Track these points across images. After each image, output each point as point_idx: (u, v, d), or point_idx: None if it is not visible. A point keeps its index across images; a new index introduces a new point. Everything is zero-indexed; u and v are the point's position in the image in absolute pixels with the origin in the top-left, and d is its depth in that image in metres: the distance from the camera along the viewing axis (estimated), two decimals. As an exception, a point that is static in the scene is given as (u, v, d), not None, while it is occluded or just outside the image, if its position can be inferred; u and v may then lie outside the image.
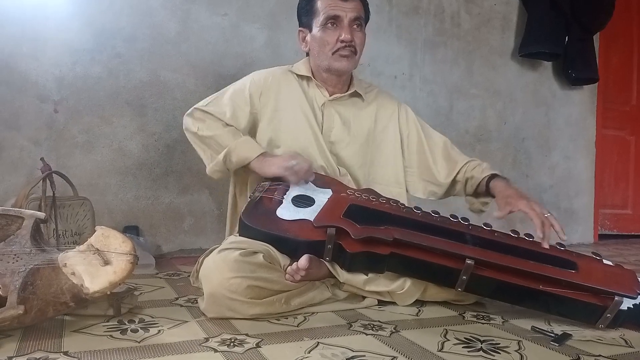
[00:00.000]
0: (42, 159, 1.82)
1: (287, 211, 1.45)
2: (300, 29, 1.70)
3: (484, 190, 1.64)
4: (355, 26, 1.61)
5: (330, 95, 1.69)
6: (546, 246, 1.39)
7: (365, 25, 1.69)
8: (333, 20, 1.59)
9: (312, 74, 1.70)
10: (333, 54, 1.60)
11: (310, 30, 1.65)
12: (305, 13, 1.66)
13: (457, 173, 1.72)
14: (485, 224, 1.47)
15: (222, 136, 1.57)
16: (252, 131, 1.68)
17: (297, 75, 1.71)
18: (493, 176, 1.63)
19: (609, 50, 3.44)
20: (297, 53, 1.79)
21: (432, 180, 1.75)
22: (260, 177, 1.59)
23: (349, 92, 1.71)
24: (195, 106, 1.66)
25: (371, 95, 1.77)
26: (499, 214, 1.46)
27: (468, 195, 1.73)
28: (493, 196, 1.61)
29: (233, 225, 1.71)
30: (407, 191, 1.75)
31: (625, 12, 3.39)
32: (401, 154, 1.73)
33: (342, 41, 1.58)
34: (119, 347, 1.09)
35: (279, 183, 1.54)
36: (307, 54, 1.72)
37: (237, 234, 1.49)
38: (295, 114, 1.66)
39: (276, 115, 1.66)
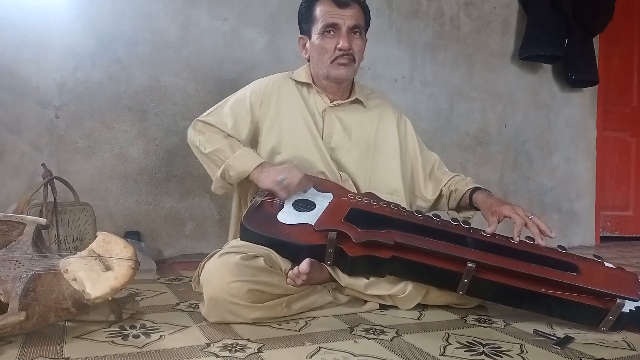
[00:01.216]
0: (43, 164, 1.82)
1: (288, 215, 1.45)
2: (300, 36, 1.71)
3: (467, 203, 1.66)
4: (353, 33, 1.61)
5: (331, 102, 1.69)
6: (542, 244, 1.41)
7: (367, 31, 1.69)
8: (331, 28, 1.59)
9: (313, 80, 1.70)
10: (331, 62, 1.60)
11: (310, 38, 1.65)
12: (305, 20, 1.66)
13: (442, 188, 1.75)
14: (486, 227, 1.47)
15: (222, 150, 1.56)
16: (254, 140, 1.67)
17: (298, 81, 1.71)
18: (476, 189, 1.65)
19: (609, 52, 3.44)
20: (298, 57, 1.79)
21: (420, 196, 1.77)
22: None
23: (350, 99, 1.71)
24: (197, 118, 1.66)
25: (373, 102, 1.76)
26: (490, 229, 1.45)
27: (450, 210, 1.75)
28: (476, 209, 1.63)
29: (236, 236, 1.70)
30: None
31: (625, 13, 3.39)
32: (400, 163, 1.73)
33: (340, 49, 1.58)
34: (121, 352, 1.09)
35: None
36: (308, 60, 1.72)
37: (239, 238, 1.49)
38: (295, 119, 1.66)
39: (277, 122, 1.66)
